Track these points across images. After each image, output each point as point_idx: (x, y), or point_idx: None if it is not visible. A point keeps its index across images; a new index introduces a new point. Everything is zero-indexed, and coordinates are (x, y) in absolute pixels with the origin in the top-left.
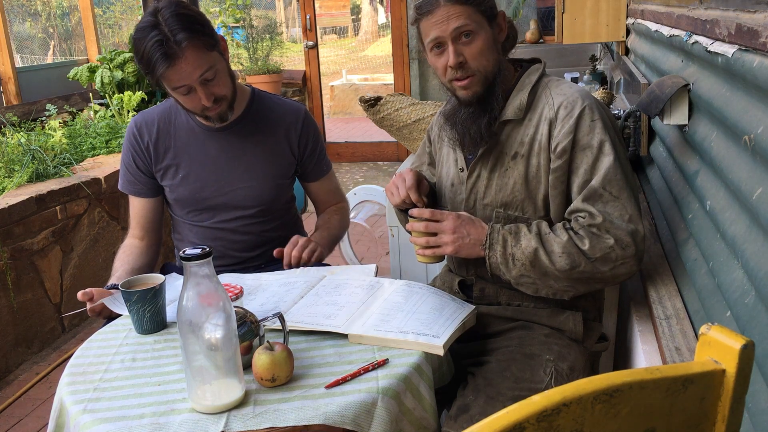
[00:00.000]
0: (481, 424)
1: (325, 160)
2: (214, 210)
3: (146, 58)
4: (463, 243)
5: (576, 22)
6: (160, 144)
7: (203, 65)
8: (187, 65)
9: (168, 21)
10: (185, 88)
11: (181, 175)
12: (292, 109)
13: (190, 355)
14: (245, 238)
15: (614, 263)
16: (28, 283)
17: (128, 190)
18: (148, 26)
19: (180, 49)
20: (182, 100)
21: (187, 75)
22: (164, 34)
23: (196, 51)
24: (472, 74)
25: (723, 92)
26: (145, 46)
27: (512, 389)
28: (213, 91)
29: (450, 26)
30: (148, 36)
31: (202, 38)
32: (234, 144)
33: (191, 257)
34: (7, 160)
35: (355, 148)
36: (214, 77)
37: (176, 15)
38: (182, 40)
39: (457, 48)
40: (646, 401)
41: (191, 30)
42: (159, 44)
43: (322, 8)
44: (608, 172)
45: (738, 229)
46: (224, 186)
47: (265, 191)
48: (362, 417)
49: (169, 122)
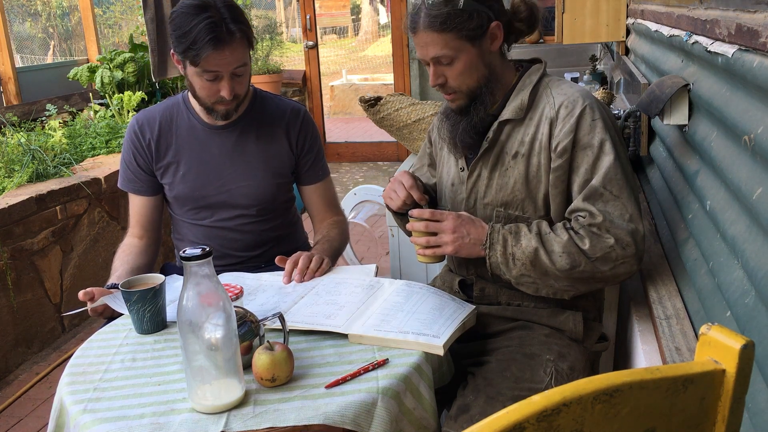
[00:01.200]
0: (481, 424)
1: (322, 164)
2: (214, 208)
3: (192, 36)
4: (463, 243)
5: (576, 22)
6: (162, 142)
7: (241, 59)
8: (231, 54)
9: (221, 9)
10: (215, 74)
11: (182, 172)
12: (292, 108)
13: (190, 355)
14: (245, 237)
15: (614, 263)
16: (28, 283)
17: (128, 188)
18: (200, 5)
19: (231, 36)
20: (201, 85)
21: (227, 63)
22: (219, 18)
23: (241, 43)
24: (453, 92)
25: (723, 92)
26: (195, 24)
27: (512, 389)
28: (236, 87)
29: (428, 53)
30: (200, 14)
31: (249, 33)
32: (234, 142)
33: (191, 257)
34: (7, 160)
35: (355, 148)
36: (243, 74)
37: (229, 6)
38: (235, 31)
39: (437, 70)
40: (646, 401)
41: (243, 23)
42: (212, 26)
43: (322, 8)
44: (609, 171)
45: (738, 229)
46: (224, 184)
47: (265, 189)
48: (362, 417)
49: (170, 120)
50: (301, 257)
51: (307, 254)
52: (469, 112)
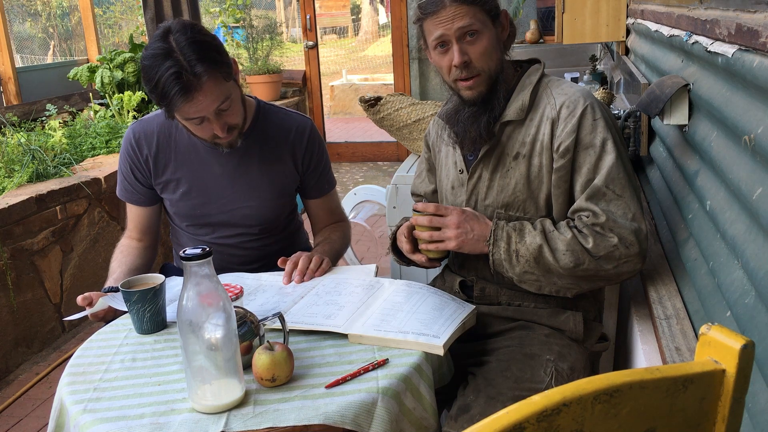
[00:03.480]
0: (481, 424)
1: (328, 177)
2: (215, 226)
3: (161, 90)
4: (466, 238)
5: (576, 22)
6: (160, 158)
7: (220, 97)
8: (204, 98)
9: (184, 50)
10: (199, 119)
11: (182, 190)
12: (297, 123)
13: (190, 355)
14: (246, 253)
15: (618, 261)
16: (28, 283)
17: (126, 199)
18: (161, 53)
19: (199, 82)
20: (193, 129)
21: (204, 107)
22: (181, 65)
23: (214, 83)
24: (477, 74)
25: (723, 92)
26: (160, 77)
27: (512, 389)
28: (226, 121)
29: (455, 25)
30: (162, 65)
31: (221, 69)
32: (237, 162)
33: (191, 257)
34: (7, 160)
35: (355, 148)
36: (229, 107)
37: (193, 43)
38: (201, 73)
39: (462, 47)
40: (646, 401)
41: (210, 60)
42: (176, 77)
43: (322, 8)
44: (611, 170)
45: (738, 229)
46: (226, 204)
47: (268, 210)
48: (362, 417)
49: (169, 135)
50: (301, 258)
51: (307, 254)
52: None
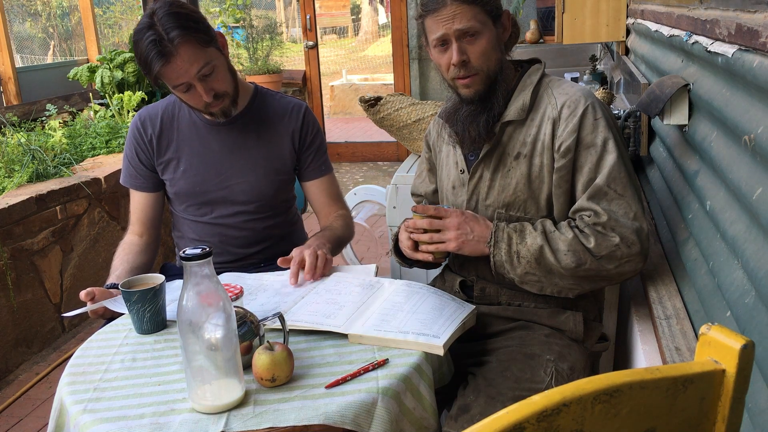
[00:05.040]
0: (482, 424)
1: (324, 159)
2: (214, 204)
3: (143, 58)
4: (466, 240)
5: (576, 22)
6: (163, 137)
7: (199, 61)
8: (182, 62)
9: (162, 20)
10: (184, 85)
11: (182, 168)
12: (294, 104)
13: (190, 355)
14: (244, 233)
15: (620, 261)
16: (28, 283)
17: (129, 184)
18: (144, 27)
19: (174, 46)
20: (184, 98)
21: (184, 72)
22: (158, 34)
23: (190, 47)
24: (474, 73)
25: (723, 92)
26: (142, 47)
27: (512, 389)
28: (212, 87)
29: (455, 25)
30: (144, 37)
31: (196, 35)
32: (235, 139)
33: (191, 257)
34: (7, 160)
35: (355, 148)
36: (212, 72)
37: (170, 14)
38: (175, 37)
39: (461, 46)
40: (646, 401)
41: (185, 27)
42: (153, 43)
43: (322, 8)
44: (612, 170)
45: (738, 229)
46: (224, 180)
47: (265, 186)
48: (362, 417)
49: (172, 116)
50: (306, 256)
51: (308, 251)
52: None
